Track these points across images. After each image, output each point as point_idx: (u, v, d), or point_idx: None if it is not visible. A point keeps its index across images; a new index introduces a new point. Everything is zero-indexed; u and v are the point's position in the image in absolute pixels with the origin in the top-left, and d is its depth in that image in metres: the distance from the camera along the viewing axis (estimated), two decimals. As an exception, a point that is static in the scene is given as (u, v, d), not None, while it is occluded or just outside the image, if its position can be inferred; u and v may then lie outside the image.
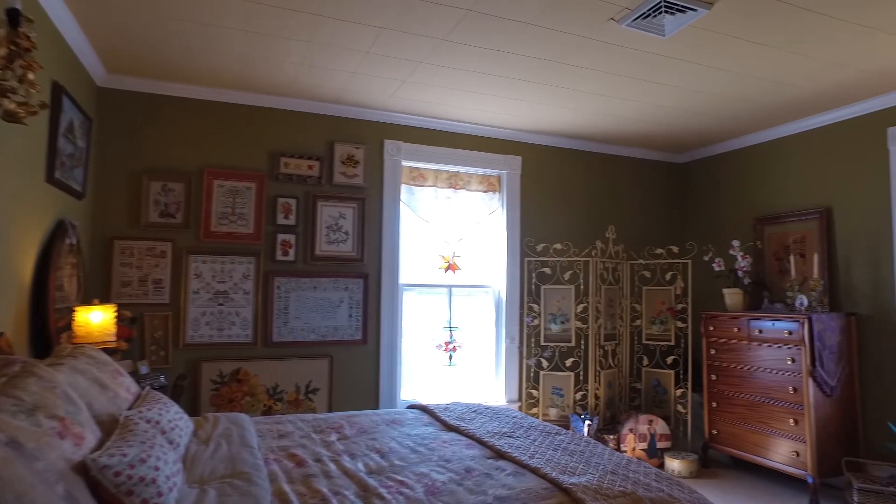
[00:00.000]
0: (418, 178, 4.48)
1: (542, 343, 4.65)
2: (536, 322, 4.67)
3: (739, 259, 4.37)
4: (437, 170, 4.54)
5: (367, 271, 4.20)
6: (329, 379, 4.02)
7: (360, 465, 2.10)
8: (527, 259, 4.70)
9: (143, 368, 3.21)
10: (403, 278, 4.39)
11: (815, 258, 4.03)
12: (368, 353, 4.18)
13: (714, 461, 4.45)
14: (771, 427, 3.86)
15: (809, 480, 3.59)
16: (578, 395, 4.57)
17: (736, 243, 4.42)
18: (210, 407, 3.68)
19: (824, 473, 3.64)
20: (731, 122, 4.40)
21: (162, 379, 3.10)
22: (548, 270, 4.70)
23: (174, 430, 1.97)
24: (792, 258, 4.18)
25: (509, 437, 2.36)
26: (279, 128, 4.04)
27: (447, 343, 4.52)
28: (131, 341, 3.35)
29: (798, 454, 3.67)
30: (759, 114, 4.20)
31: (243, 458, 1.98)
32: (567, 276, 4.70)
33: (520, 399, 4.63)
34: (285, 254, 3.96)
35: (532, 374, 4.67)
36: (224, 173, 3.85)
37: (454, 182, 4.58)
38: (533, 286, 4.70)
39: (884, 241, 3.81)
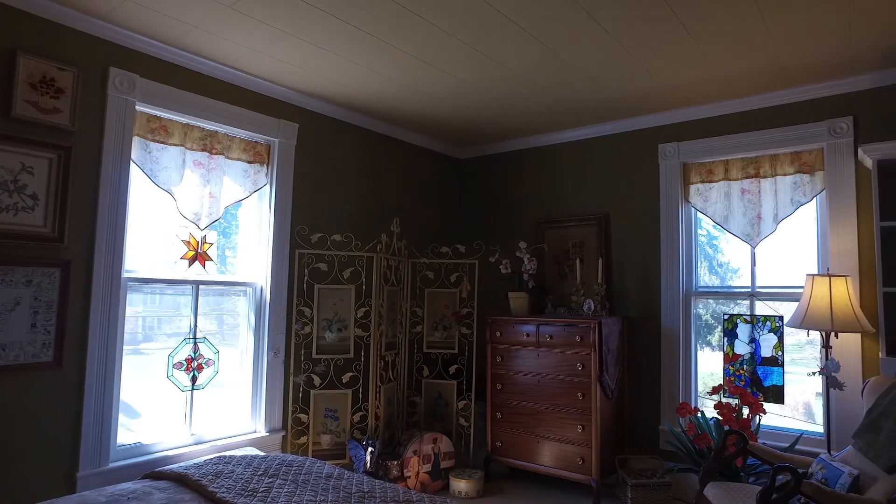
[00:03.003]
0: (160, 131, 3.19)
1: (315, 356, 3.79)
2: (308, 329, 3.79)
3: (526, 261, 4.23)
4: (188, 124, 3.31)
5: (68, 257, 2.77)
6: (-11, 428, 2.49)
7: None
8: (298, 251, 3.79)
9: None
10: (129, 270, 3.06)
11: (600, 263, 4.09)
12: (65, 381, 2.75)
13: (496, 474, 4.20)
14: (557, 434, 3.74)
15: (593, 484, 3.55)
16: (356, 417, 3.84)
17: (523, 245, 4.28)
18: None
19: (604, 475, 3.65)
20: (532, 118, 4.23)
21: None
22: (324, 266, 3.87)
23: None
24: (577, 262, 4.19)
25: (355, 516, 1.52)
26: None
27: (190, 360, 3.31)
28: None
29: (583, 460, 3.61)
30: (560, 113, 4.12)
31: None
32: (347, 273, 3.93)
33: (285, 427, 3.68)
34: None
35: (300, 395, 3.76)
36: None
37: (210, 144, 3.41)
38: (305, 285, 3.81)
39: (652, 248, 4.06)
